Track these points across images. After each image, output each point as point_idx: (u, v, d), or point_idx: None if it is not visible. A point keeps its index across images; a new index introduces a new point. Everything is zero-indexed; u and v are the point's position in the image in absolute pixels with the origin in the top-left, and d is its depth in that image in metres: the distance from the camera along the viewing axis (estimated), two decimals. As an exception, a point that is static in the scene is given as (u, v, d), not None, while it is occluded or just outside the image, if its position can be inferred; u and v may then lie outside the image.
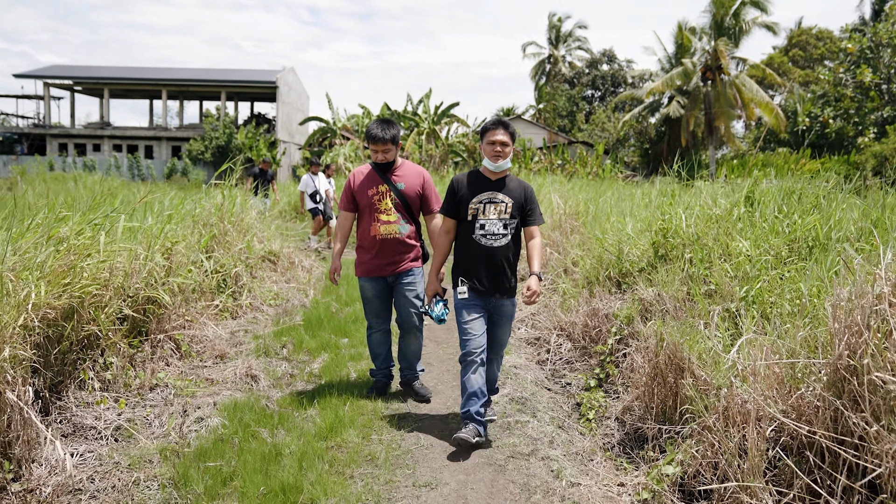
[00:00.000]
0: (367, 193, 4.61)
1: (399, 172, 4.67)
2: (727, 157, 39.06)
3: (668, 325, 4.11)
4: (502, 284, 4.10)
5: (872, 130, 28.98)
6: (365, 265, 4.66)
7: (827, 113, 32.30)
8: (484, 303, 4.10)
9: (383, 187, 4.60)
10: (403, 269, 4.65)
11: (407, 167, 4.74)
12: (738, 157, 37.30)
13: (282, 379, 5.00)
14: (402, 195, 4.62)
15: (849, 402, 2.80)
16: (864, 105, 29.87)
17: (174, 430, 3.79)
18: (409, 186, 4.65)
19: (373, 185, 4.62)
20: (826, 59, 47.29)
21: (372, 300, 4.72)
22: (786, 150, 34.83)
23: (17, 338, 3.12)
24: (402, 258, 4.64)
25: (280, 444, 3.72)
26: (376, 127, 4.52)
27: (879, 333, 2.78)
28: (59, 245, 3.83)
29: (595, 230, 7.45)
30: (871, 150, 25.78)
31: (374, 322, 4.81)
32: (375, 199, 4.60)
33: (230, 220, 7.47)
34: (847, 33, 32.32)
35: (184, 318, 5.46)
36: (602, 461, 3.76)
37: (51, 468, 3.10)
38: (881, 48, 28.80)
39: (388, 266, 4.62)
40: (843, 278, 3.30)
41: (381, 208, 4.59)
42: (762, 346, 3.31)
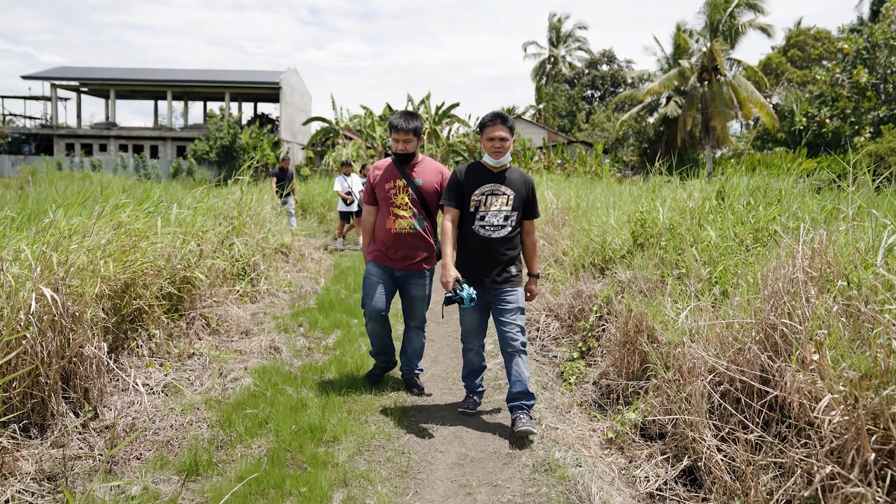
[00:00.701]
0: (385, 187, 4.60)
1: (418, 168, 4.66)
2: (725, 156, 39.59)
3: (636, 299, 4.77)
4: (499, 275, 4.14)
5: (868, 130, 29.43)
6: (377, 253, 4.68)
7: (824, 113, 32.79)
8: (484, 294, 4.18)
9: (401, 182, 4.59)
10: (415, 269, 4.64)
11: (427, 164, 4.71)
12: (736, 156, 37.88)
13: (301, 351, 5.67)
14: (420, 191, 4.59)
15: (773, 352, 3.46)
16: (861, 105, 30.33)
17: (217, 385, 4.46)
18: (428, 182, 4.62)
19: (391, 179, 4.61)
20: (824, 59, 47.69)
21: (374, 284, 4.63)
22: (782, 150, 35.32)
23: (95, 303, 3.79)
24: (415, 254, 4.62)
25: (304, 398, 4.40)
26: (399, 117, 4.53)
27: (795, 296, 3.43)
28: (118, 228, 4.50)
29: (583, 223, 8.11)
30: (867, 150, 26.29)
31: (369, 310, 4.65)
32: (392, 194, 4.58)
33: (248, 214, 8.14)
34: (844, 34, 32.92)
35: (212, 299, 6.13)
36: (578, 413, 4.42)
37: (119, 410, 3.76)
38: (877, 49, 29.40)
39: (400, 260, 4.62)
40: (775, 256, 3.95)
41: (397, 202, 4.58)
42: (707, 311, 3.97)
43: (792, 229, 5.77)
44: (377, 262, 4.68)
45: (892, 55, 29.23)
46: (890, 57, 29.17)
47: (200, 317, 5.74)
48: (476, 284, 4.15)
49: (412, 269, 4.65)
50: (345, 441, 3.78)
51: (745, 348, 3.59)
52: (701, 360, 3.71)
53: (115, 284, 4.20)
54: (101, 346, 3.77)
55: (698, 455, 3.36)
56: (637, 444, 3.84)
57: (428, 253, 4.69)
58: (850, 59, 30.74)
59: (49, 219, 3.99)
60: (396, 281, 4.71)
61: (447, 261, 4.16)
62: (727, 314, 4.00)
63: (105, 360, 3.76)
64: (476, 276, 4.16)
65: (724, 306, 4.22)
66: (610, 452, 3.83)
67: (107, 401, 3.83)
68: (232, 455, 3.54)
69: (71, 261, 3.64)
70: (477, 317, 4.28)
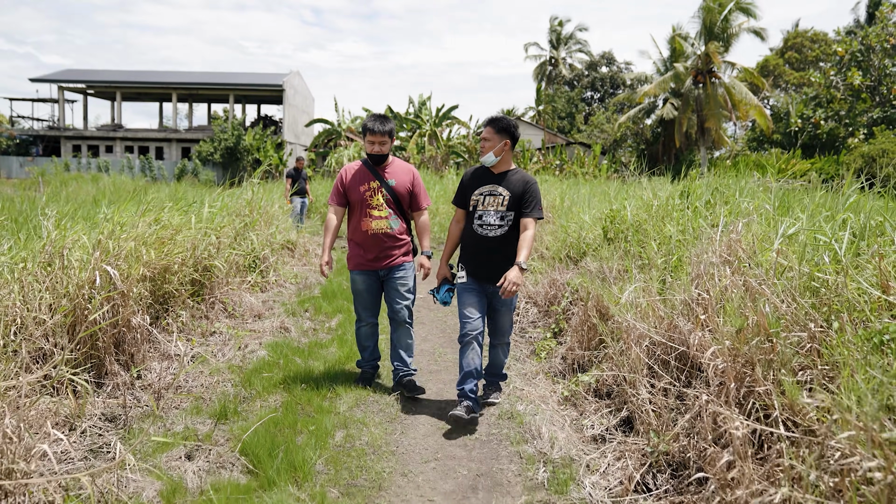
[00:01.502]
0: (359, 189, 4.72)
1: (390, 169, 4.81)
2: (723, 157, 40.24)
3: (597, 285, 5.56)
4: (497, 273, 4.30)
5: (863, 132, 29.97)
6: (357, 259, 4.80)
7: (818, 114, 33.43)
8: (482, 288, 4.42)
9: (375, 183, 4.72)
10: (395, 264, 4.78)
11: (397, 164, 4.88)
12: (732, 157, 38.58)
13: (307, 331, 6.46)
14: (393, 191, 4.75)
15: (695, 323, 4.23)
16: (855, 107, 30.88)
17: (237, 356, 5.26)
18: (400, 183, 4.78)
19: (365, 182, 4.74)
20: (821, 61, 48.24)
21: (362, 293, 4.83)
22: (777, 151, 35.95)
23: (139, 283, 4.59)
24: (392, 253, 4.77)
25: (311, 367, 5.20)
26: (374, 120, 4.68)
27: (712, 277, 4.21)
28: (156, 223, 5.30)
29: (563, 220, 8.90)
30: (859, 151, 26.88)
31: (363, 314, 4.91)
32: (367, 195, 4.71)
33: (258, 212, 8.94)
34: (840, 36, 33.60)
35: (228, 286, 6.93)
36: (543, 379, 5.21)
37: (159, 372, 4.55)
38: (871, 52, 30.08)
39: (379, 260, 4.75)
40: (704, 244, 4.74)
41: (372, 204, 4.71)
42: (648, 291, 4.75)
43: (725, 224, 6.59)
44: (360, 269, 4.81)
45: (886, 58, 29.94)
46: (884, 59, 29.86)
47: (219, 301, 6.53)
48: (475, 279, 4.41)
49: (392, 266, 4.79)
50: (345, 397, 4.58)
51: (672, 319, 4.37)
52: (639, 331, 4.49)
53: (154, 269, 5.00)
54: (145, 319, 4.57)
55: (635, 406, 4.14)
56: (588, 401, 4.62)
57: (404, 249, 4.83)
58: (845, 61, 31.36)
59: (103, 213, 4.79)
60: (381, 279, 4.87)
61: (442, 260, 4.59)
62: (663, 293, 4.78)
63: (149, 329, 4.56)
64: (475, 272, 4.42)
65: (668, 288, 5.01)
66: (565, 408, 4.61)
67: (148, 364, 4.62)
68: (253, 406, 4.33)
69: (122, 247, 4.44)
70: (478, 310, 4.40)
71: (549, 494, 3.33)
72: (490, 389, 4.79)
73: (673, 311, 4.40)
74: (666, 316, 4.40)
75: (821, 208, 5.09)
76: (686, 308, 4.26)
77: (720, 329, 3.53)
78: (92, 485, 2.81)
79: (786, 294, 3.53)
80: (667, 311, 4.43)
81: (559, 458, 3.70)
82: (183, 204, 6.49)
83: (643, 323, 4.46)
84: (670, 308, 4.50)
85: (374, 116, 4.72)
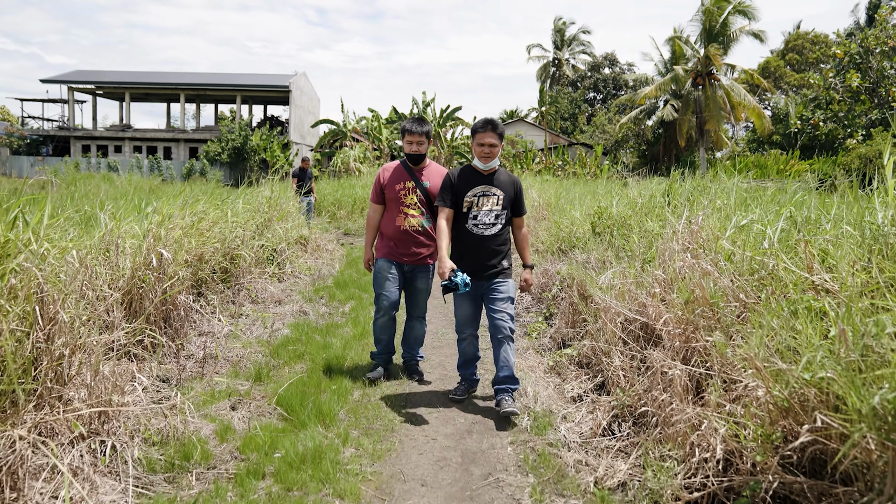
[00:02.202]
0: (395, 188, 4.97)
1: (426, 172, 5.06)
2: (724, 157, 40.81)
3: (579, 271, 6.28)
4: (492, 268, 4.52)
5: (861, 133, 30.39)
6: (386, 249, 5.06)
7: (817, 116, 33.95)
8: (477, 288, 4.59)
9: (410, 183, 4.97)
10: (421, 264, 5.07)
11: (433, 168, 5.12)
12: (732, 157, 39.20)
13: (323, 315, 7.20)
14: (427, 192, 4.99)
15: (654, 297, 4.94)
16: (854, 108, 31.30)
17: (265, 333, 6.00)
18: (434, 185, 4.99)
19: (401, 181, 4.99)
20: (821, 62, 48.66)
21: (387, 278, 4.99)
22: (776, 152, 36.49)
23: (183, 267, 5.33)
24: (421, 250, 5.04)
25: (329, 342, 5.93)
26: (413, 122, 4.93)
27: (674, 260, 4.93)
28: (193, 215, 6.04)
29: (556, 217, 9.62)
30: (857, 152, 27.35)
31: (384, 303, 5.01)
32: (402, 194, 4.96)
33: (275, 209, 9.68)
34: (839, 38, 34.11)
35: (251, 276, 7.66)
36: (532, 354, 5.93)
37: (200, 344, 5.28)
38: (870, 54, 30.62)
39: (408, 255, 5.01)
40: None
41: (406, 202, 4.95)
42: (622, 275, 5.47)
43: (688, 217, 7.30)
44: (388, 257, 5.04)
45: (885, 60, 30.48)
46: (882, 62, 30.41)
47: (244, 288, 7.26)
48: (471, 277, 4.50)
49: (419, 264, 5.06)
50: (360, 366, 5.31)
51: (640, 298, 5.09)
52: (614, 309, 5.21)
53: (193, 256, 5.73)
54: (189, 298, 5.30)
55: (608, 372, 4.85)
56: (570, 370, 5.34)
57: (432, 249, 5.08)
58: (844, 63, 31.84)
59: (152, 207, 5.54)
60: (405, 275, 5.11)
61: (442, 254, 4.45)
62: (638, 277, 5.50)
63: (192, 306, 5.30)
64: (471, 270, 4.51)
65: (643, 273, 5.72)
66: (550, 376, 5.33)
67: (189, 338, 5.35)
68: (282, 372, 5.07)
69: (170, 235, 5.18)
70: (471, 308, 4.63)
71: (530, 436, 4.06)
72: (505, 399, 4.45)
73: (641, 291, 5.12)
74: (637, 296, 5.12)
75: (773, 204, 5.79)
76: (650, 287, 4.98)
77: (672, 301, 4.25)
78: (171, 413, 3.55)
79: (731, 273, 4.24)
80: (637, 292, 5.14)
81: (541, 411, 4.43)
82: (217, 200, 7.24)
83: (617, 302, 5.17)
84: (640, 289, 5.22)
85: (413, 119, 4.97)
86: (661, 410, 3.66)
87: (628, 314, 4.90)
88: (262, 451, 3.62)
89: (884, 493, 2.34)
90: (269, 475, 3.39)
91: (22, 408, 2.89)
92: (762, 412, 2.93)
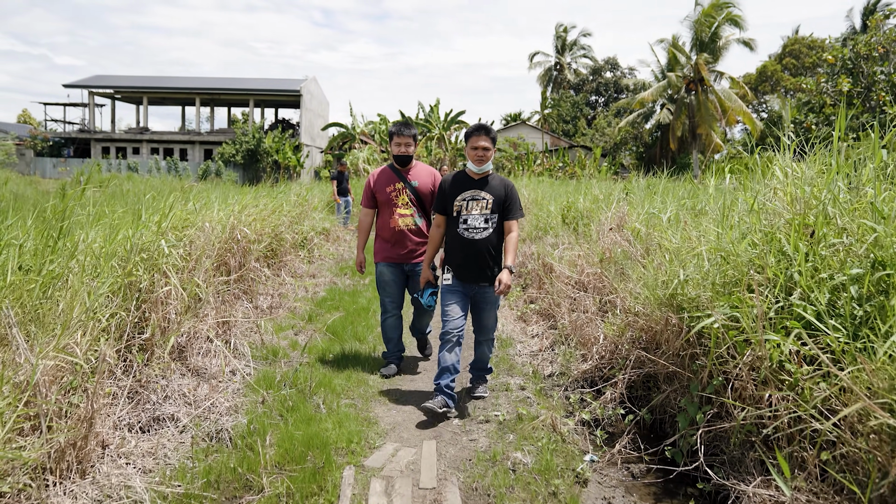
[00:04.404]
0: (386, 190, 5.22)
1: (413, 172, 5.28)
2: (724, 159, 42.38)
3: (545, 249, 8.29)
4: (483, 273, 4.56)
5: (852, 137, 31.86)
6: (384, 252, 5.31)
7: (810, 119, 35.63)
8: (467, 290, 4.65)
9: (399, 184, 5.20)
10: (420, 260, 5.27)
11: (420, 167, 5.34)
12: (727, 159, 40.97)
13: (348, 285, 9.23)
14: (417, 191, 5.21)
15: (585, 261, 6.93)
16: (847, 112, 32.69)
17: (308, 294, 8.03)
18: (423, 184, 5.24)
19: (391, 183, 5.24)
20: (818, 66, 49.99)
21: (389, 283, 5.31)
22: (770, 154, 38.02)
23: (255, 242, 7.37)
24: (417, 248, 5.28)
25: (356, 300, 7.97)
26: (398, 126, 5.18)
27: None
28: (257, 206, 8.08)
29: (537, 210, 11.63)
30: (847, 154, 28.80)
31: (389, 306, 5.35)
32: (393, 195, 5.19)
33: (305, 204, 11.73)
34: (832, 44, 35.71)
35: (289, 256, 9.68)
36: (507, 310, 7.91)
37: (267, 298, 7.30)
38: (862, 59, 32.28)
39: (405, 254, 5.26)
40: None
41: (398, 203, 5.19)
42: (570, 249, 7.46)
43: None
44: (386, 262, 5.33)
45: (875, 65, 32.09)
46: (873, 67, 32.02)
47: (285, 265, 9.28)
48: (460, 280, 4.61)
49: (417, 261, 5.32)
50: (380, 314, 7.34)
51: (579, 263, 7.08)
52: (564, 273, 7.19)
53: (258, 235, 7.76)
54: (259, 265, 7.32)
55: (558, 317, 6.83)
56: (534, 320, 7.32)
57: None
58: (837, 68, 33.39)
59: (233, 198, 7.58)
60: (406, 274, 5.38)
61: (425, 264, 4.83)
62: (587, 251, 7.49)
63: (264, 272, 7.32)
64: (461, 274, 4.59)
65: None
66: (517, 322, 7.32)
67: (259, 301, 7.38)
68: (325, 317, 7.09)
69: (246, 220, 7.21)
70: (460, 308, 4.63)
71: (498, 349, 6.06)
72: (477, 383, 4.97)
73: (581, 259, 7.12)
74: (577, 262, 7.14)
75: (684, 198, 7.78)
76: (586, 256, 6.99)
77: (593, 261, 6.26)
78: (260, 331, 5.59)
79: (635, 243, 6.23)
80: (580, 261, 7.15)
81: (505, 337, 6.45)
82: (272, 195, 9.33)
83: (566, 267, 7.18)
84: (581, 259, 7.23)
85: (400, 123, 5.21)
86: (578, 328, 5.66)
87: (570, 274, 6.91)
88: (320, 353, 5.64)
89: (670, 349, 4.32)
90: (330, 360, 5.42)
91: (192, 315, 4.92)
92: (622, 317, 4.92)
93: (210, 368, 4.70)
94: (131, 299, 4.13)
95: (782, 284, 3.53)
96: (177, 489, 3.22)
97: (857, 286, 3.20)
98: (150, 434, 3.76)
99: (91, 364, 3.26)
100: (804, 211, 3.88)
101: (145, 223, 4.94)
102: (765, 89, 52.07)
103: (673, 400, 4.18)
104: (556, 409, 4.57)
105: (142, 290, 4.24)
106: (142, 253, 4.44)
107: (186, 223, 5.84)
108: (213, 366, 4.74)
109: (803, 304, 3.33)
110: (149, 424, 3.84)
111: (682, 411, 3.88)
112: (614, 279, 5.52)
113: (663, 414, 4.31)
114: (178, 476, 3.35)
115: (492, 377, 5.31)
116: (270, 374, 4.97)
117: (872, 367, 2.70)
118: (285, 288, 8.37)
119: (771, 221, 4.04)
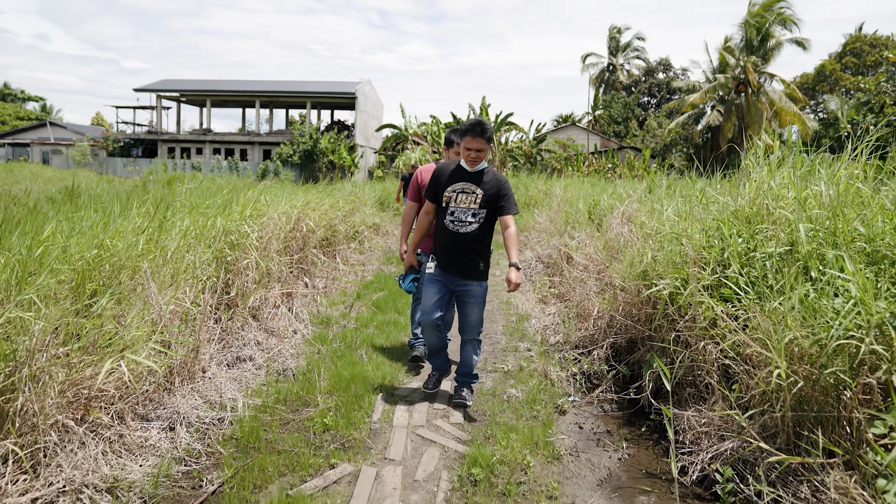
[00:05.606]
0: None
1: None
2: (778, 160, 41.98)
3: (567, 240, 9.30)
4: (466, 267, 4.50)
5: None
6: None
7: (868, 120, 35.36)
8: (448, 281, 4.58)
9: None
10: None
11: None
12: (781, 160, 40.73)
13: (394, 272, 10.40)
14: None
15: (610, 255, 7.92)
16: (907, 113, 32.26)
17: (357, 278, 9.25)
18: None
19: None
20: (879, 65, 49.10)
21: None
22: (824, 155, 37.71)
23: (314, 232, 8.61)
24: None
25: (399, 284, 9.12)
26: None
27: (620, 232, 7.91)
28: (319, 201, 9.33)
29: (567, 207, 12.63)
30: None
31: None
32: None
33: (357, 200, 12.98)
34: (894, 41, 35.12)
35: (343, 245, 10.92)
36: (531, 293, 8.96)
37: (323, 279, 8.52)
38: (926, 58, 31.81)
39: None
40: (620, 215, 8.43)
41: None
42: (591, 239, 8.45)
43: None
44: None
45: (941, 64, 31.51)
46: (938, 66, 31.43)
47: (340, 254, 10.52)
48: (444, 271, 4.57)
49: None
50: (418, 294, 8.49)
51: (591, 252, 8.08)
52: (581, 261, 8.19)
53: (316, 226, 8.99)
54: (317, 251, 8.55)
55: (572, 298, 7.84)
56: (553, 301, 8.35)
57: None
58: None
59: (300, 195, 8.85)
60: None
61: (410, 248, 4.89)
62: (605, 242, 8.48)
63: (320, 257, 8.54)
64: (445, 265, 4.55)
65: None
66: (538, 303, 8.36)
67: (315, 281, 8.60)
68: (370, 296, 8.26)
69: (309, 213, 8.45)
70: (437, 295, 4.57)
71: (515, 323, 7.13)
72: (461, 389, 4.77)
73: (599, 253, 8.12)
74: (589, 250, 8.13)
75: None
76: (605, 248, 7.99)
77: (601, 250, 7.27)
78: (316, 303, 6.79)
79: (636, 233, 7.21)
80: (593, 250, 8.15)
81: (523, 313, 7.51)
82: (330, 192, 10.62)
83: (582, 255, 8.19)
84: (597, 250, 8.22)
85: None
86: (579, 303, 6.68)
87: (583, 261, 7.93)
88: (365, 321, 6.82)
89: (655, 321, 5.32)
90: (373, 326, 6.60)
91: (263, 287, 6.14)
92: (611, 293, 5.94)
93: (277, 328, 5.92)
94: (220, 268, 5.37)
95: (722, 260, 4.52)
96: (256, 402, 4.42)
97: (770, 261, 4.17)
98: (233, 369, 4.98)
99: (198, 308, 4.49)
100: (751, 204, 4.85)
101: (230, 212, 6.18)
102: (823, 89, 51.27)
103: (646, 357, 5.19)
104: (553, 364, 5.63)
105: (228, 261, 5.48)
106: (230, 236, 5.67)
107: (260, 213, 7.07)
108: (279, 327, 5.95)
109: (735, 276, 4.31)
110: (233, 362, 5.06)
111: (646, 363, 4.90)
112: (609, 262, 6.53)
113: (639, 369, 5.33)
114: (257, 394, 4.56)
115: (505, 341, 6.39)
116: (324, 334, 6.17)
117: (761, 316, 3.69)
118: (338, 272, 9.60)
119: (721, 213, 5.02)
